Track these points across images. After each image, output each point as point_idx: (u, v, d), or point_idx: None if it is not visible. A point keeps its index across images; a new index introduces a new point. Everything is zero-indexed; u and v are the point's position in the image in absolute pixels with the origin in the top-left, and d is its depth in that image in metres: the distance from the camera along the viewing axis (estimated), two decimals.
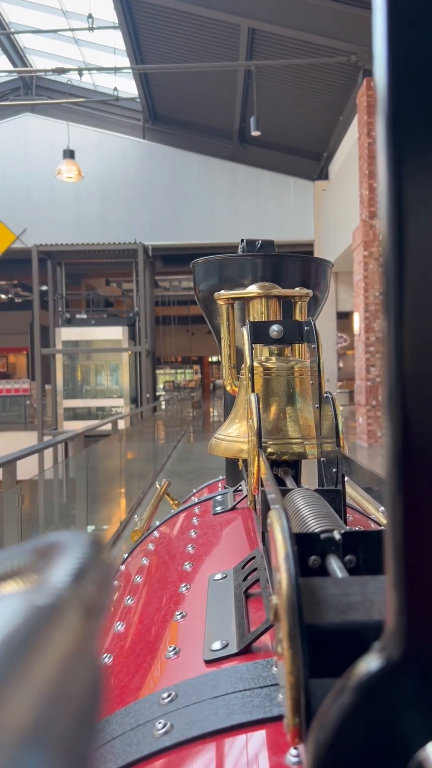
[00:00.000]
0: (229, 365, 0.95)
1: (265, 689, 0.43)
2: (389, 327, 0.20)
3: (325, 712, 0.22)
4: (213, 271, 1.11)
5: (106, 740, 0.47)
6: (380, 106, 0.19)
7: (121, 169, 14.56)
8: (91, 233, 13.69)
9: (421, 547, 0.20)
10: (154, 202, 14.44)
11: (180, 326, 24.55)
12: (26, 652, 0.14)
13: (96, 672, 0.16)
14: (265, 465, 0.60)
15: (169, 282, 20.92)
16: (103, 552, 0.20)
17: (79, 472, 5.48)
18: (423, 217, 0.19)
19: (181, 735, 0.42)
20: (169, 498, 1.45)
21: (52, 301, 12.95)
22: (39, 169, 14.05)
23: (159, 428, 11.79)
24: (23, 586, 0.19)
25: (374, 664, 0.21)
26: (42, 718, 0.13)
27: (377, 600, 0.30)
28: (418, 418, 0.20)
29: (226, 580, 0.66)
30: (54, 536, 0.21)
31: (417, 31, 0.19)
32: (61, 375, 12.76)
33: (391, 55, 0.19)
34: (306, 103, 11.85)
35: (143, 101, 13.60)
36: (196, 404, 22.96)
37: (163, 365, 29.78)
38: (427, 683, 0.21)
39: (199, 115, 13.71)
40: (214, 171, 14.46)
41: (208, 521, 0.97)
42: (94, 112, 14.73)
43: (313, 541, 0.39)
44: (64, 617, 0.16)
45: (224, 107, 12.79)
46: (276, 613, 0.30)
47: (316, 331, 0.78)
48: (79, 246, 12.47)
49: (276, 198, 14.42)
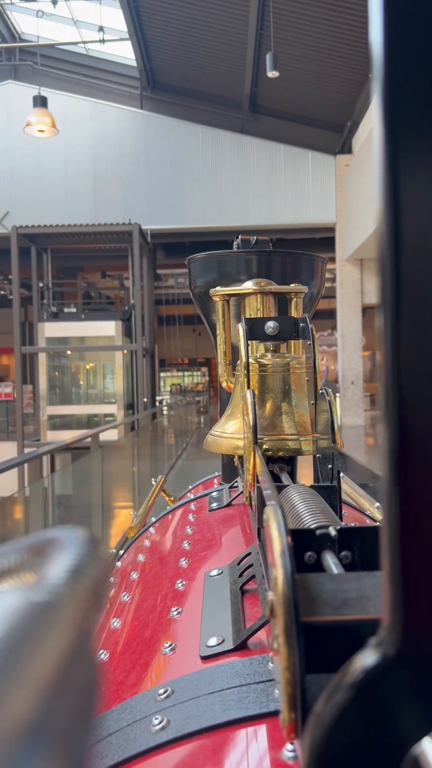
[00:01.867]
0: (224, 362, 0.95)
1: (261, 685, 0.44)
2: (386, 325, 0.20)
3: (321, 707, 0.22)
4: (209, 267, 1.11)
5: (102, 736, 0.47)
6: (377, 99, 0.19)
7: (116, 143, 12.70)
8: (81, 218, 11.81)
9: (417, 543, 0.20)
10: (153, 181, 12.56)
11: (186, 326, 23.15)
12: (23, 649, 0.14)
13: (92, 668, 0.16)
14: (260, 461, 0.60)
15: (174, 279, 19.41)
16: (98, 548, 0.20)
17: (59, 491, 4.53)
18: (419, 213, 0.19)
19: (178, 731, 0.42)
20: (164, 494, 1.45)
21: (36, 292, 11.39)
22: (23, 143, 12.09)
23: (156, 440, 10.01)
24: (20, 583, 0.19)
25: (370, 659, 0.21)
26: (39, 714, 0.13)
27: (373, 596, 0.30)
28: (414, 415, 0.20)
29: (222, 576, 0.66)
30: (50, 532, 0.21)
31: (415, 26, 0.19)
32: (44, 377, 11.08)
33: (389, 50, 0.19)
34: (327, 64, 10.09)
35: (140, 65, 11.95)
36: (203, 410, 20.36)
37: (170, 368, 28.38)
38: (423, 679, 0.21)
39: (205, 80, 12.03)
40: (221, 145, 12.53)
41: (204, 517, 0.97)
42: (84, 79, 13.02)
43: (309, 537, 0.39)
44: (61, 613, 0.16)
45: (233, 70, 11.08)
46: (272, 609, 0.30)
47: (312, 327, 0.78)
48: (64, 228, 10.82)
49: (292, 175, 12.41)
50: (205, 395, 24.12)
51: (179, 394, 23.62)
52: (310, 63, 10.23)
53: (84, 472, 5.39)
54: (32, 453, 4.19)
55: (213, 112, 12.70)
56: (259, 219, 12.38)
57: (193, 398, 19.93)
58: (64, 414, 11.68)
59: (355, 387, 12.14)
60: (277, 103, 11.45)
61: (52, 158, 12.49)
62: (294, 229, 12.83)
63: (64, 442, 4.88)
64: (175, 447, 11.62)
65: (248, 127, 12.68)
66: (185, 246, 14.05)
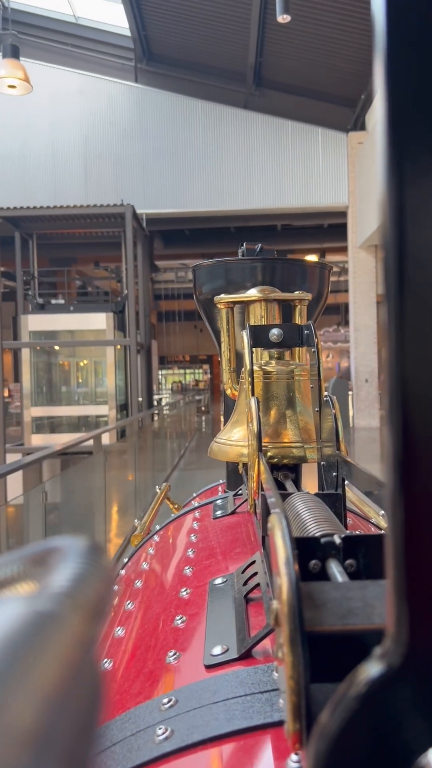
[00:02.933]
0: (229, 369, 0.95)
1: (265, 694, 0.43)
2: (390, 328, 0.20)
3: (325, 717, 0.22)
4: (214, 274, 1.11)
5: (106, 746, 0.46)
6: (381, 107, 0.19)
7: (109, 120, 11.57)
8: (70, 202, 10.63)
9: (422, 551, 0.20)
10: (148, 160, 11.42)
11: (187, 322, 22.27)
12: (26, 658, 0.14)
13: (96, 677, 0.16)
14: (265, 469, 0.60)
15: (174, 273, 18.40)
16: (101, 557, 0.20)
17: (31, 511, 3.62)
18: (423, 219, 0.19)
19: (182, 740, 0.41)
20: (169, 502, 1.45)
21: (20, 282, 10.31)
22: (6, 119, 11.17)
23: (150, 445, 8.92)
24: (23, 592, 0.19)
25: (375, 669, 0.21)
26: (42, 723, 0.13)
27: (378, 605, 0.30)
28: (419, 421, 0.20)
29: (226, 585, 0.66)
30: (52, 541, 0.21)
31: (418, 32, 0.19)
32: (28, 375, 10.06)
33: (392, 55, 0.19)
34: (340, 28, 9.14)
35: (135, 34, 10.83)
36: (204, 410, 19.20)
37: (171, 365, 27.73)
38: (429, 689, 0.21)
39: (205, 50, 10.91)
40: (223, 122, 11.45)
41: (209, 525, 0.97)
42: (73, 51, 11.88)
43: (314, 546, 0.39)
44: (64, 622, 0.16)
45: (236, 36, 10.05)
46: (276, 617, 0.29)
47: (316, 334, 0.78)
48: (49, 210, 9.84)
49: (300, 154, 11.36)
50: (206, 394, 23.11)
51: (180, 392, 22.81)
52: (320, 26, 9.19)
53: (84, 480, 4.89)
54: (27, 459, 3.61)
55: (214, 85, 11.59)
56: (265, 202, 11.47)
57: (192, 397, 18.56)
58: (52, 416, 10.65)
59: (370, 385, 11.31)
60: (283, 76, 10.40)
61: (39, 136, 11.42)
62: (302, 214, 11.95)
63: (55, 446, 4.37)
64: (171, 455, 10.37)
65: (252, 102, 11.59)
66: (185, 235, 12.97)
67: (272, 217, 12.47)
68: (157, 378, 22.08)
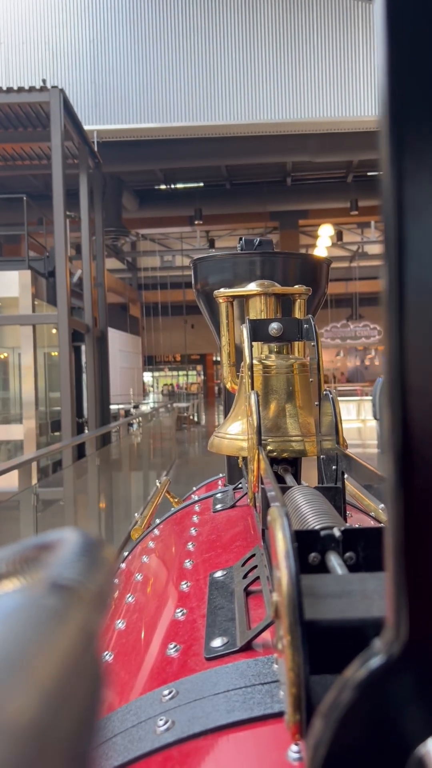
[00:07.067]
0: (228, 363, 0.95)
1: (266, 686, 0.44)
2: (390, 325, 0.20)
3: (325, 708, 0.22)
4: (213, 268, 1.11)
5: (107, 737, 0.47)
6: (382, 102, 0.19)
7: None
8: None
9: (421, 543, 0.20)
10: (100, 49, 7.18)
11: (175, 317, 17.71)
12: (28, 650, 0.14)
13: (98, 669, 0.16)
14: (265, 462, 0.60)
15: (159, 257, 15.09)
16: (103, 549, 0.20)
17: None
18: (423, 213, 0.19)
19: (183, 732, 0.42)
20: (169, 496, 1.45)
21: None
22: None
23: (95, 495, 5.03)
24: (25, 584, 0.19)
25: (374, 660, 0.21)
26: (44, 716, 0.13)
27: (377, 597, 0.30)
28: (418, 416, 0.20)
29: (226, 578, 0.66)
30: (55, 534, 0.21)
31: (417, 30, 0.19)
32: None
33: (393, 54, 0.19)
34: None
35: None
36: (191, 421, 13.78)
37: (162, 365, 23.76)
38: (428, 679, 0.21)
39: None
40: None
41: (209, 519, 0.97)
42: None
43: (313, 538, 0.40)
44: (66, 614, 0.16)
45: None
46: (276, 610, 0.30)
47: (316, 328, 0.78)
48: None
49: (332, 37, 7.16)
50: (196, 399, 18.55)
51: (168, 395, 19.48)
52: None
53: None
54: None
55: None
56: (276, 112, 7.40)
57: (173, 404, 13.23)
58: None
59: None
60: None
61: None
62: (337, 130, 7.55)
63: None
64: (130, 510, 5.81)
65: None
66: (161, 194, 9.32)
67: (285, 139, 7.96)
68: (141, 381, 18.53)
